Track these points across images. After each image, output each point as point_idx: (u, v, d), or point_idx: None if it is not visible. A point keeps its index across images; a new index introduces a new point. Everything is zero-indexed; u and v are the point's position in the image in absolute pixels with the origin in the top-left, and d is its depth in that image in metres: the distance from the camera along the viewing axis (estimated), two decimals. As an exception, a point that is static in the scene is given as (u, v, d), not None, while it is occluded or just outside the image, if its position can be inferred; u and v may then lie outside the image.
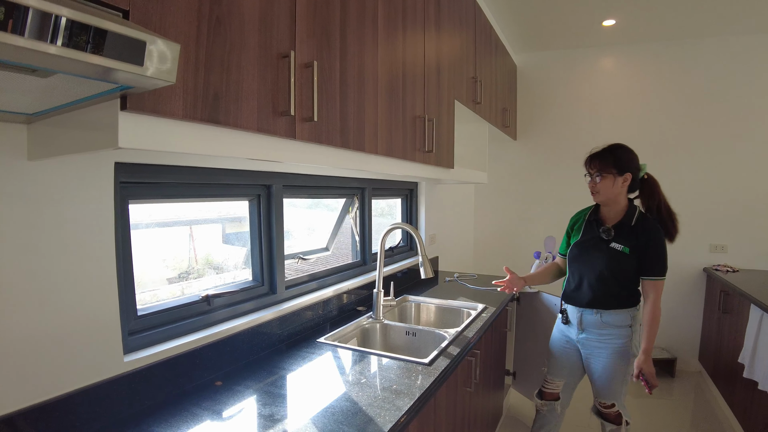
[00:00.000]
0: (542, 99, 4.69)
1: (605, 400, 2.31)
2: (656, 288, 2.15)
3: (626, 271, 2.17)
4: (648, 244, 2.13)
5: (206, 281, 1.92)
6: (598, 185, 2.19)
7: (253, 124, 1.14)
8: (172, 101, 0.95)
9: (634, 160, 2.21)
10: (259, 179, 1.85)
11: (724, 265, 4.10)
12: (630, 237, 2.16)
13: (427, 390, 1.50)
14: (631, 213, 2.21)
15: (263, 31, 1.18)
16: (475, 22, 3.06)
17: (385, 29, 1.81)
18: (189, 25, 0.98)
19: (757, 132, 4.02)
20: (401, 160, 2.03)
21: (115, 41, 0.69)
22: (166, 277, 1.81)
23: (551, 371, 2.45)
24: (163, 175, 1.49)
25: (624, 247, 2.15)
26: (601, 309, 2.21)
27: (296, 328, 2.00)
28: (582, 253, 2.28)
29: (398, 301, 2.63)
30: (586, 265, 2.25)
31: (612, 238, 2.19)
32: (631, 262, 2.15)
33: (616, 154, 2.18)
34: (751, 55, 3.99)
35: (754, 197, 4.07)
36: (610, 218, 2.25)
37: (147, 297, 1.64)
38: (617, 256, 2.16)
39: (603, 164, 2.17)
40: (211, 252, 2.01)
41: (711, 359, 3.92)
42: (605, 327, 2.21)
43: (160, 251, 1.81)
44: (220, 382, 1.55)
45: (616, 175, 2.16)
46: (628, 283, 2.19)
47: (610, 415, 2.33)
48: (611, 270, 2.17)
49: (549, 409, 2.44)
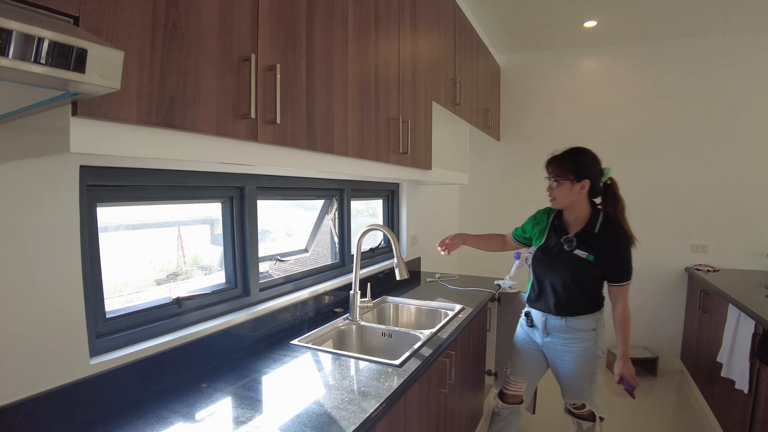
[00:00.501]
0: (525, 100, 4.71)
1: (575, 401, 2.33)
2: (624, 293, 2.15)
3: (591, 279, 2.16)
4: (613, 251, 2.11)
5: (194, 282, 1.92)
6: (555, 191, 2.16)
7: (211, 127, 1.15)
8: (126, 106, 0.96)
9: (594, 165, 2.16)
10: (231, 181, 1.86)
11: (705, 264, 4.14)
12: (594, 244, 2.13)
13: (395, 391, 1.51)
14: (594, 219, 2.17)
15: (223, 34, 1.18)
16: (455, 23, 3.08)
17: (356, 31, 1.81)
18: (143, 31, 0.99)
19: (738, 132, 4.07)
20: (374, 162, 2.04)
21: (56, 49, 0.69)
22: (154, 279, 1.82)
23: (514, 372, 2.44)
24: (131, 177, 1.49)
25: (588, 254, 2.13)
26: (566, 315, 2.20)
27: (271, 330, 2.00)
28: (546, 259, 2.26)
29: (376, 303, 2.63)
30: (550, 272, 2.23)
31: (575, 247, 2.16)
32: (596, 269, 2.14)
33: (576, 159, 2.14)
34: (730, 56, 4.04)
35: (736, 197, 4.12)
36: (572, 223, 2.23)
37: (133, 299, 1.65)
38: (581, 264, 2.14)
39: (561, 170, 2.14)
40: (199, 253, 2.02)
41: (692, 358, 3.96)
42: (570, 331, 2.21)
43: (147, 253, 1.82)
44: (206, 384, 1.55)
45: (574, 181, 2.12)
46: (592, 289, 2.19)
47: (582, 415, 2.35)
48: (575, 278, 2.15)
49: (510, 411, 2.42)
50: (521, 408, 2.42)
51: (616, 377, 2.15)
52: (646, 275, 4.38)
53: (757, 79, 3.99)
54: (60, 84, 0.75)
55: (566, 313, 2.20)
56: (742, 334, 2.75)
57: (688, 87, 4.18)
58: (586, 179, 2.12)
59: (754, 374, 2.55)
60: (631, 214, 4.33)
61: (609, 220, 2.16)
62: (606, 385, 4.00)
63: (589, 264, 2.13)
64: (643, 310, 4.40)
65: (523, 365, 2.41)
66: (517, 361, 2.43)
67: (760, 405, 2.46)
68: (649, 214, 4.35)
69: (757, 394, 2.51)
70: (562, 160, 2.16)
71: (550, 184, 2.18)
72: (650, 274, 4.38)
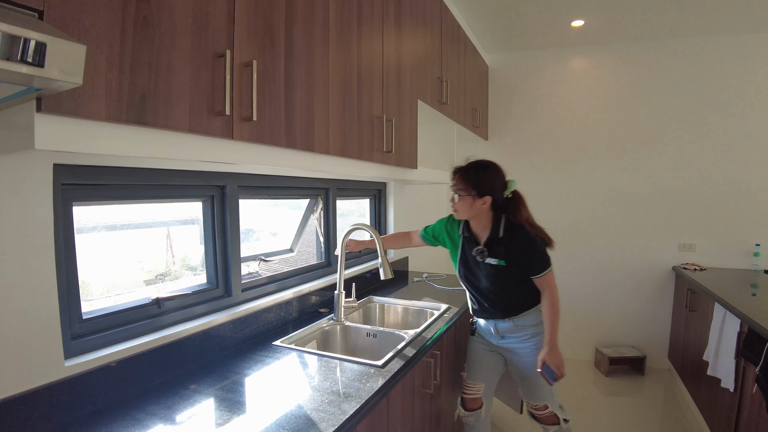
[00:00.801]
0: (514, 99, 4.72)
1: (536, 402, 2.32)
2: (548, 281, 2.13)
3: (512, 281, 2.17)
4: (520, 250, 2.11)
5: (183, 283, 1.90)
6: (457, 204, 2.14)
7: (185, 124, 1.13)
8: (94, 102, 0.94)
9: (497, 182, 2.15)
10: (212, 180, 1.83)
11: (692, 263, 4.17)
12: (501, 249, 2.14)
13: (377, 393, 1.50)
14: (497, 225, 2.16)
15: (197, 30, 1.16)
16: (442, 22, 3.07)
17: (337, 27, 1.80)
18: (112, 25, 0.96)
19: (724, 132, 4.10)
20: (357, 161, 2.02)
21: (13, 43, 0.67)
22: (143, 280, 1.80)
23: (471, 375, 2.43)
24: (108, 176, 1.47)
25: (499, 261, 2.14)
26: (510, 316, 2.23)
27: (253, 331, 1.98)
28: (467, 272, 2.28)
29: (362, 303, 2.62)
30: (474, 284, 2.26)
31: (487, 256, 2.17)
32: (512, 271, 2.14)
33: (480, 175, 2.12)
34: (717, 56, 4.07)
35: (723, 196, 4.15)
36: (479, 232, 2.22)
37: (121, 300, 1.62)
38: (496, 271, 2.15)
39: (464, 184, 2.11)
40: (188, 254, 2.00)
41: (679, 357, 3.98)
42: (520, 329, 2.23)
43: (137, 253, 1.80)
44: (194, 386, 1.53)
45: (475, 197, 2.10)
46: (519, 288, 2.19)
47: (544, 418, 2.35)
48: (496, 285, 2.18)
49: (475, 418, 2.41)
50: (483, 411, 2.40)
51: (539, 363, 2.11)
52: (634, 274, 4.40)
53: (744, 79, 4.02)
54: (20, 79, 0.73)
55: (508, 315, 2.23)
56: (727, 333, 2.76)
57: (675, 87, 4.21)
58: (488, 196, 2.11)
59: (739, 373, 2.57)
60: (619, 212, 4.39)
61: (511, 223, 2.16)
62: (595, 384, 4.02)
63: (503, 269, 2.14)
64: (630, 309, 4.43)
65: (478, 367, 2.42)
66: (473, 364, 2.44)
67: (745, 403, 2.47)
68: (636, 213, 4.38)
69: (742, 392, 2.52)
70: (466, 173, 2.13)
71: (453, 197, 2.16)
72: (638, 273, 4.40)
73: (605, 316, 4.49)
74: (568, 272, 4.55)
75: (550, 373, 2.08)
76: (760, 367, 2.21)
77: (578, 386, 3.97)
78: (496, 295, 2.21)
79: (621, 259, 4.44)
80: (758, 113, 4.01)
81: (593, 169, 4.48)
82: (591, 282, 4.53)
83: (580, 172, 4.53)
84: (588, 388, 3.95)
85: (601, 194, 4.46)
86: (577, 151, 4.51)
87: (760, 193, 4.06)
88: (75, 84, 0.76)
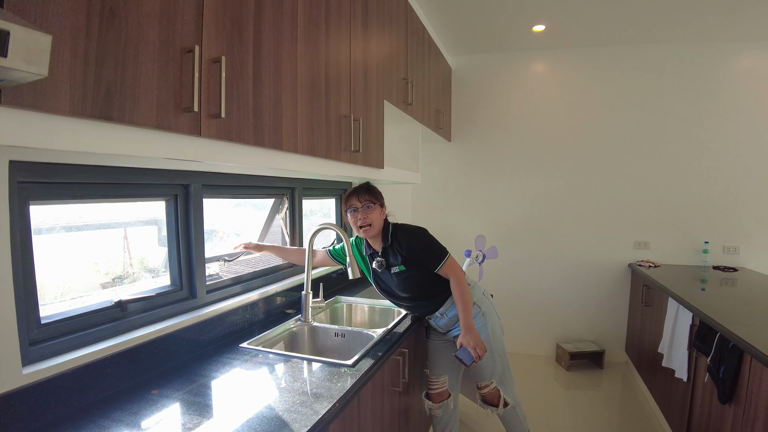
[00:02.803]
0: (476, 102, 4.78)
1: (480, 381, 2.38)
2: (451, 268, 2.20)
3: (420, 280, 2.23)
4: (411, 250, 2.19)
5: (141, 285, 1.84)
6: (371, 215, 2.17)
7: (152, 120, 1.09)
8: (57, 96, 0.90)
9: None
10: (176, 178, 1.79)
11: (646, 260, 4.32)
12: (396, 255, 2.22)
13: (348, 392, 1.49)
14: (386, 234, 2.24)
15: (165, 24, 1.13)
16: (407, 24, 3.08)
17: (305, 26, 1.78)
18: (76, 16, 0.93)
19: (677, 135, 4.27)
20: (325, 160, 2.01)
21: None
22: (99, 282, 1.73)
23: (433, 370, 2.46)
24: (68, 174, 1.41)
25: (399, 266, 2.21)
26: (437, 311, 2.30)
27: (219, 333, 1.94)
28: (381, 285, 2.35)
29: (329, 303, 2.61)
30: (392, 294, 2.33)
31: (387, 266, 2.25)
32: (415, 271, 2.21)
33: (375, 189, 2.25)
34: (672, 62, 4.23)
35: (675, 196, 4.32)
36: (377, 247, 2.29)
37: (77, 304, 1.55)
38: (401, 276, 2.23)
39: (371, 196, 2.19)
40: (146, 255, 1.94)
41: (636, 350, 4.11)
42: (456, 320, 2.28)
43: (92, 255, 1.73)
44: (157, 391, 1.49)
45: (381, 206, 2.23)
46: (432, 285, 2.25)
47: (487, 396, 2.40)
48: (407, 288, 2.25)
49: (443, 409, 2.44)
50: (451, 402, 2.45)
51: (457, 346, 2.14)
52: (592, 271, 4.53)
53: (696, 85, 4.20)
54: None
55: (435, 310, 2.30)
56: (680, 326, 2.87)
57: (631, 92, 4.36)
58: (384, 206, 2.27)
59: (692, 363, 2.67)
60: (578, 212, 4.51)
61: (394, 228, 2.26)
62: (556, 378, 4.11)
63: (406, 272, 2.21)
64: (589, 305, 4.56)
65: (438, 360, 2.46)
66: (433, 359, 2.48)
67: (697, 392, 2.57)
68: (594, 213, 4.50)
69: (695, 382, 2.62)
70: (368, 188, 2.23)
71: (361, 213, 2.17)
72: (596, 271, 4.53)
73: (565, 312, 4.61)
74: (530, 271, 4.65)
75: (467, 354, 2.09)
76: (711, 358, 2.31)
77: (540, 381, 4.05)
78: (414, 298, 2.28)
79: (580, 258, 4.56)
80: (709, 119, 4.20)
81: (553, 170, 4.58)
82: (551, 280, 4.63)
83: (540, 174, 4.63)
84: (549, 383, 4.03)
85: (561, 195, 4.57)
86: (538, 153, 4.61)
87: (709, 194, 4.25)
88: (40, 75, 0.72)
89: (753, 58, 4.08)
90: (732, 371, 2.11)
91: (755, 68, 4.08)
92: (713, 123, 4.20)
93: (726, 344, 2.19)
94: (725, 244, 4.24)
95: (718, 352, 2.26)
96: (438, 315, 2.31)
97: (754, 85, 4.09)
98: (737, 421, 2.08)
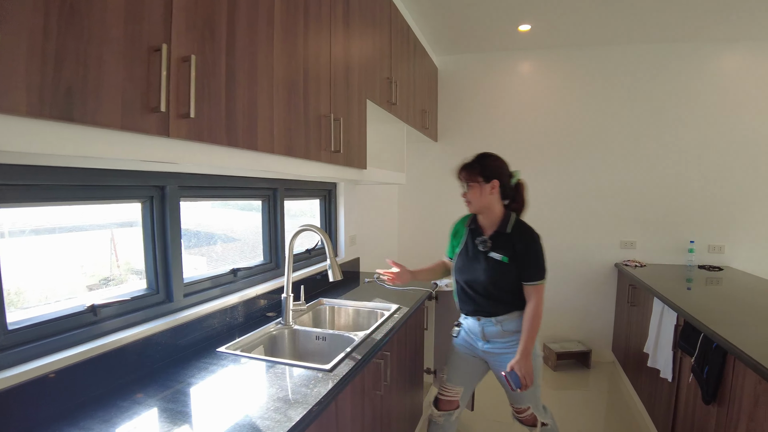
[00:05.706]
0: (462, 101, 4.77)
1: (519, 405, 2.35)
2: (537, 291, 2.16)
3: (508, 279, 2.18)
4: (524, 251, 2.16)
5: (127, 287, 1.80)
6: (469, 194, 2.22)
7: (116, 121, 1.06)
8: (13, 96, 0.86)
9: (501, 167, 2.26)
10: (151, 180, 1.75)
11: (633, 260, 4.34)
12: (507, 246, 2.18)
13: (325, 397, 1.46)
14: (506, 221, 2.22)
15: (131, 21, 1.10)
16: (391, 23, 3.06)
17: (282, 25, 1.75)
18: (34, 13, 0.89)
19: (662, 135, 4.30)
20: (304, 160, 1.97)
21: None
22: (86, 285, 1.69)
23: (450, 377, 2.40)
24: (35, 176, 1.36)
25: (503, 256, 2.17)
26: (496, 317, 2.22)
27: (196, 337, 1.91)
28: (465, 263, 2.29)
29: (312, 305, 2.57)
30: (470, 276, 2.26)
31: (490, 248, 2.21)
32: (511, 269, 2.16)
33: (483, 162, 2.23)
34: (655, 63, 4.26)
35: (661, 196, 4.35)
36: (487, 226, 2.27)
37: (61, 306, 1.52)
38: (497, 265, 2.18)
39: (470, 173, 2.21)
40: (133, 257, 1.89)
41: (622, 350, 4.13)
42: (507, 335, 2.22)
43: (77, 257, 1.69)
44: (141, 394, 1.46)
45: (483, 183, 2.19)
46: (513, 288, 2.20)
47: (525, 419, 2.37)
48: (493, 279, 2.18)
49: (445, 419, 2.38)
50: (456, 414, 2.39)
51: (508, 367, 2.13)
52: (579, 271, 4.54)
53: (680, 85, 4.23)
54: None
55: (494, 315, 2.22)
56: (665, 326, 2.88)
57: (617, 92, 4.38)
58: (495, 179, 2.20)
59: (676, 363, 2.68)
60: (565, 212, 4.52)
61: (521, 221, 2.25)
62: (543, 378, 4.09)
63: (504, 265, 2.16)
64: (575, 305, 4.56)
65: (460, 371, 2.39)
66: (455, 367, 2.41)
67: (682, 392, 2.57)
68: (581, 213, 4.51)
69: (679, 382, 2.63)
70: (471, 165, 2.25)
71: (464, 191, 2.24)
72: (582, 270, 4.54)
73: (552, 312, 4.60)
74: (517, 270, 4.63)
75: (515, 379, 2.09)
76: (695, 358, 2.31)
77: (527, 382, 4.05)
78: (489, 291, 2.20)
79: (567, 258, 4.57)
80: (693, 119, 4.23)
81: (539, 170, 4.59)
82: (538, 280, 4.63)
83: (526, 174, 4.53)
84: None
85: (548, 195, 4.57)
86: (524, 153, 4.61)
87: (695, 193, 4.28)
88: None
89: (736, 58, 4.12)
90: (715, 372, 2.11)
91: (740, 68, 4.12)
92: (698, 123, 4.23)
93: (710, 344, 2.19)
94: (710, 244, 4.26)
95: (702, 352, 2.26)
96: (494, 320, 2.22)
97: (738, 85, 4.12)
98: (721, 421, 2.08)
